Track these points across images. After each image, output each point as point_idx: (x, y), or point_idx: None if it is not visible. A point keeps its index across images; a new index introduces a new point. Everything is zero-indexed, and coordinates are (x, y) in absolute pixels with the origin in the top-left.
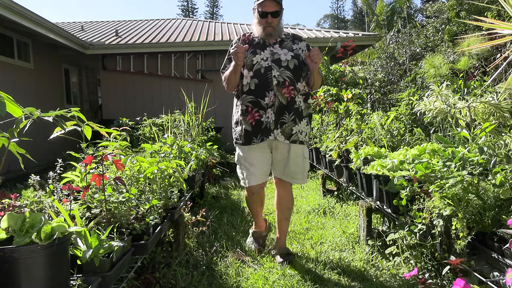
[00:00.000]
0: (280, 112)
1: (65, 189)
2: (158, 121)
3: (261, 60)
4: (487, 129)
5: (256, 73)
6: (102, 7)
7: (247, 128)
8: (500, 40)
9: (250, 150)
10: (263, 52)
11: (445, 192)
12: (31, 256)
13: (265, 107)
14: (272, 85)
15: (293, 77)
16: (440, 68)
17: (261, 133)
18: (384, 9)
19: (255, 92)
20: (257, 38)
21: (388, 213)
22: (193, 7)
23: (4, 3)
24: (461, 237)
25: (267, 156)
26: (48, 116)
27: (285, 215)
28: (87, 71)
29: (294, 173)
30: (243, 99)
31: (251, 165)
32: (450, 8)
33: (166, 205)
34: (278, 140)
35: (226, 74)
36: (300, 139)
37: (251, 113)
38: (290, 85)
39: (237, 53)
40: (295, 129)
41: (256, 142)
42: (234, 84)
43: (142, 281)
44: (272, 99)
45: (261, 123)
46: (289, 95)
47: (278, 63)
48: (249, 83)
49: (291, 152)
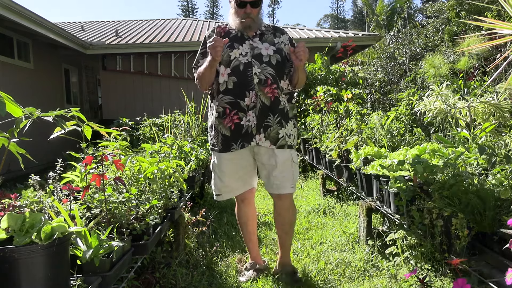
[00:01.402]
0: (263, 114)
1: (65, 189)
2: (158, 121)
3: (239, 55)
4: (487, 129)
5: (234, 70)
6: (102, 7)
7: (225, 133)
8: (500, 40)
9: (227, 157)
10: (242, 46)
11: (445, 192)
12: (31, 256)
13: (245, 109)
14: (253, 84)
15: (276, 74)
16: (440, 68)
17: (241, 138)
18: (384, 9)
19: (233, 91)
20: (234, 30)
21: (388, 213)
22: (193, 7)
23: (4, 3)
24: (461, 237)
25: (248, 162)
26: (48, 116)
27: (285, 229)
28: (87, 71)
29: (282, 181)
30: (220, 100)
31: (223, 174)
32: (450, 8)
33: (166, 205)
34: (261, 146)
35: (199, 70)
36: (289, 143)
37: (229, 115)
38: (273, 84)
39: (215, 47)
40: (281, 133)
41: (236, 148)
42: (208, 82)
43: (142, 281)
44: (253, 99)
45: (241, 127)
46: (273, 95)
47: (259, 58)
48: (226, 82)
49: (277, 158)
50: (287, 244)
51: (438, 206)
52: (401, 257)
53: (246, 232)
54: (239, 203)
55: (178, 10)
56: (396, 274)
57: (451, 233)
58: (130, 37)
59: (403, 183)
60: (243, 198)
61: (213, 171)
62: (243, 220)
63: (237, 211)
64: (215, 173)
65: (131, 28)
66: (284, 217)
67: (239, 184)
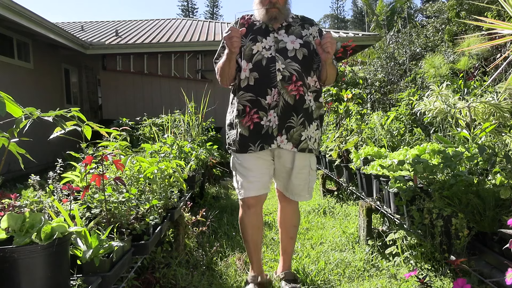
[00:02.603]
0: (286, 114)
1: (65, 189)
2: (158, 121)
3: (262, 49)
4: (487, 129)
5: (256, 65)
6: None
7: (243, 133)
8: (500, 40)
9: (247, 156)
10: (265, 39)
11: (445, 192)
12: (31, 256)
13: (266, 108)
14: (275, 81)
15: (302, 70)
16: (440, 68)
17: (261, 139)
18: (384, 9)
19: (254, 88)
20: (258, 22)
21: (388, 213)
22: (193, 7)
23: (4, 3)
24: (461, 237)
25: (268, 164)
26: (48, 116)
27: (290, 234)
28: (87, 71)
29: (298, 189)
30: (240, 97)
31: (249, 170)
32: (450, 8)
33: (166, 205)
34: (282, 149)
35: (219, 64)
36: (309, 146)
37: (249, 114)
38: (298, 80)
39: (231, 37)
40: (304, 135)
41: (254, 150)
42: (229, 77)
43: (142, 281)
44: (275, 98)
45: (260, 127)
46: (297, 93)
47: (284, 53)
48: (247, 77)
49: (295, 162)
50: (289, 250)
51: (438, 206)
52: (401, 257)
53: (251, 243)
54: (245, 210)
55: (178, 10)
56: (396, 274)
57: (451, 233)
58: (130, 37)
59: (403, 183)
60: (251, 203)
61: (233, 169)
62: (248, 230)
63: (242, 218)
64: (237, 171)
65: (131, 28)
66: (291, 220)
67: (261, 185)
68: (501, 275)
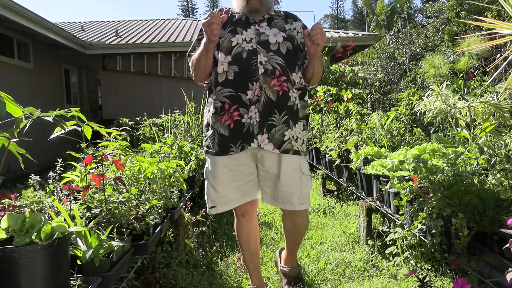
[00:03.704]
0: (268, 110)
1: (65, 189)
2: (158, 121)
3: (242, 41)
4: (487, 129)
5: (236, 58)
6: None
7: (222, 133)
8: (500, 40)
9: (223, 162)
10: (246, 31)
11: (445, 192)
12: (31, 256)
13: (247, 104)
14: (257, 74)
15: (286, 65)
16: (440, 68)
17: (242, 138)
18: (384, 9)
19: (234, 83)
20: (237, 14)
21: (388, 213)
22: (193, 7)
23: (4, 3)
24: (461, 237)
25: (250, 170)
26: (48, 116)
27: (296, 241)
28: (87, 71)
29: (288, 196)
30: (218, 93)
31: (218, 182)
32: (450, 8)
33: (166, 205)
34: (263, 149)
35: (194, 57)
36: (295, 148)
37: (229, 112)
38: (282, 75)
39: (211, 24)
40: (287, 134)
41: (235, 151)
42: (204, 71)
43: (142, 281)
44: (257, 92)
45: (241, 125)
46: (281, 88)
47: (266, 45)
48: (226, 72)
49: (282, 165)
50: (295, 249)
51: (438, 206)
52: (401, 257)
53: (247, 252)
54: (239, 218)
55: (178, 10)
56: (396, 274)
57: (451, 233)
58: (130, 37)
59: (403, 183)
60: (243, 211)
61: (206, 178)
62: (243, 238)
63: (236, 227)
64: (209, 181)
65: (131, 28)
66: (298, 229)
67: (237, 196)
68: (501, 275)
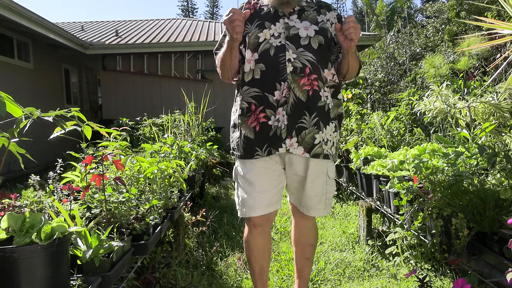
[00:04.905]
0: (297, 113)
1: (65, 189)
2: (158, 121)
3: (270, 36)
4: (487, 129)
5: (263, 55)
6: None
7: (248, 135)
8: (500, 40)
9: (253, 163)
10: (274, 25)
11: (445, 192)
12: (31, 256)
13: (274, 105)
14: (285, 73)
15: (318, 61)
16: (440, 68)
17: (268, 142)
18: (384, 9)
19: (260, 82)
20: (266, 6)
21: (388, 213)
22: (193, 7)
23: (4, 3)
24: (461, 237)
25: (277, 174)
26: (48, 116)
27: (306, 254)
28: (87, 71)
29: (313, 201)
30: (245, 93)
31: (251, 185)
32: (450, 8)
33: (166, 205)
34: (292, 154)
35: (219, 55)
36: (325, 151)
37: (255, 113)
38: (313, 73)
39: (232, 21)
40: (318, 138)
41: (261, 155)
42: (231, 70)
43: (142, 281)
44: (285, 93)
45: (268, 128)
46: (311, 88)
47: (296, 40)
48: (252, 70)
49: (309, 170)
50: (306, 273)
51: (438, 206)
52: (401, 257)
53: (257, 268)
54: (251, 229)
55: (178, 10)
56: (396, 274)
57: (451, 233)
58: (130, 37)
59: (403, 183)
60: (258, 223)
61: (235, 180)
62: (253, 253)
63: (247, 239)
64: (238, 183)
65: (131, 28)
66: (307, 237)
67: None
68: (501, 275)
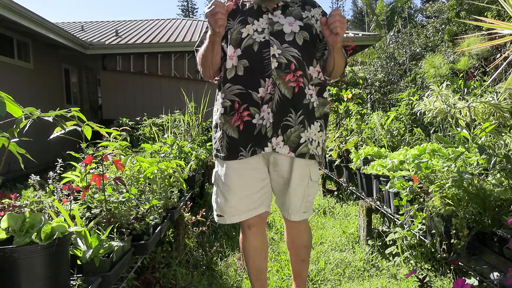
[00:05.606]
0: (283, 110)
1: (65, 189)
2: (158, 121)
3: (253, 32)
4: (487, 129)
5: (246, 51)
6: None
7: (231, 135)
8: (500, 40)
9: (235, 166)
10: (257, 21)
11: (445, 192)
12: (31, 256)
13: (259, 103)
14: (269, 69)
15: (303, 57)
16: (440, 68)
17: (253, 142)
18: (384, 9)
19: (244, 79)
20: (249, 2)
21: (388, 213)
22: (193, 7)
23: (4, 3)
24: (461, 237)
25: (262, 175)
26: (48, 116)
27: (301, 256)
28: (87, 71)
29: (296, 206)
30: (227, 91)
31: (228, 190)
32: (450, 8)
33: (166, 205)
34: (278, 153)
35: (200, 51)
36: (311, 151)
37: (238, 111)
38: (298, 70)
39: (214, 13)
40: (304, 137)
41: (245, 155)
42: (213, 67)
43: (142, 281)
44: (269, 90)
45: (252, 127)
46: (296, 84)
47: (280, 36)
48: (235, 67)
49: (294, 172)
50: (303, 274)
51: (438, 206)
52: (401, 257)
53: (253, 269)
54: (245, 230)
55: (178, 10)
56: (396, 274)
57: (451, 233)
58: (130, 37)
59: (403, 183)
60: (251, 223)
61: (215, 184)
62: (249, 254)
63: (242, 240)
64: (217, 187)
65: (131, 28)
66: (301, 239)
67: (248, 207)
68: (501, 275)
